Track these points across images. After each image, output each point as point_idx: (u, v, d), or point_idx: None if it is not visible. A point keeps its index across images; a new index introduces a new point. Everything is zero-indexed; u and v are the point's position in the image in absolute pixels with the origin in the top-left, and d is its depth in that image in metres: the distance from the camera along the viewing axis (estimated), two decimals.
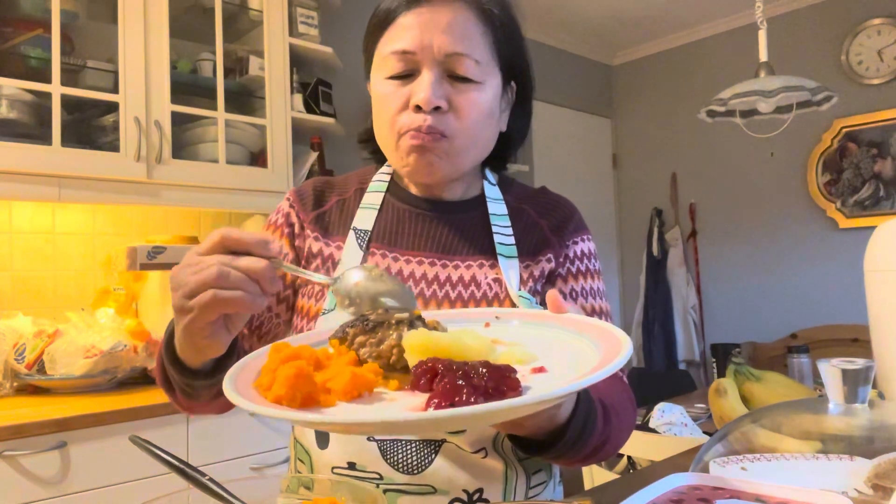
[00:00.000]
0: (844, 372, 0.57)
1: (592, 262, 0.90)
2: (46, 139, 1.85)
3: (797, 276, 3.78)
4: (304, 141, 2.61)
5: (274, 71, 2.35)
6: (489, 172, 0.93)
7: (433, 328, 0.60)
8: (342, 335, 0.59)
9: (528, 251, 0.86)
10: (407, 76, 0.79)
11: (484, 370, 0.48)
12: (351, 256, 0.84)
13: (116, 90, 1.99)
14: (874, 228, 0.92)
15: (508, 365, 0.50)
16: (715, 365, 3.37)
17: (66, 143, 1.88)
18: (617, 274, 4.60)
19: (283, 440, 1.93)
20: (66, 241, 2.18)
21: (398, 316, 0.59)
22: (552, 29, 4.07)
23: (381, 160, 0.94)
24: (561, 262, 0.87)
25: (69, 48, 2.04)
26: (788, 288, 3.81)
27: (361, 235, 0.86)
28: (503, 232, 0.86)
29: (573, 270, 0.87)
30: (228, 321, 0.62)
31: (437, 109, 0.77)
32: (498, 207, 0.89)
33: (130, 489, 1.63)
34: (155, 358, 0.86)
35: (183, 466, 0.53)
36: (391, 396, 0.53)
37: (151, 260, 2.00)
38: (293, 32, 2.46)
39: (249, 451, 1.86)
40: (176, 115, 2.10)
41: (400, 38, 0.79)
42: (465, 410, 0.44)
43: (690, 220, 4.22)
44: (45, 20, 1.90)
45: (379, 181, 0.92)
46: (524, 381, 0.51)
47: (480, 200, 0.90)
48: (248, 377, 0.54)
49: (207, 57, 2.29)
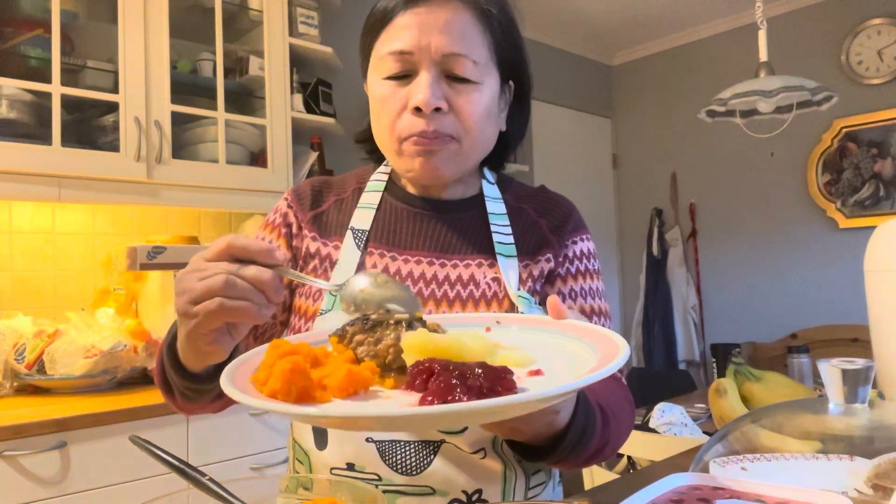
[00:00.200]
0: (844, 372, 0.57)
1: (592, 261, 0.89)
2: (46, 139, 1.85)
3: (797, 276, 3.78)
4: (304, 141, 2.61)
5: (274, 71, 2.35)
6: (488, 172, 0.92)
7: (433, 331, 0.60)
8: (341, 333, 0.59)
9: (527, 251, 0.85)
10: (405, 77, 0.78)
11: (479, 370, 0.48)
12: (349, 256, 0.84)
13: (116, 90, 1.99)
14: (874, 228, 0.92)
15: (505, 367, 0.50)
16: (715, 365, 3.38)
17: (66, 143, 1.88)
18: (617, 274, 4.59)
19: (282, 440, 1.93)
20: (66, 241, 2.18)
21: (398, 316, 0.59)
22: (552, 29, 4.07)
23: (378, 160, 0.94)
24: (560, 261, 0.87)
25: (69, 48, 2.04)
26: (788, 288, 3.81)
27: (359, 235, 0.85)
28: (502, 231, 0.86)
29: (572, 270, 0.87)
30: (232, 328, 0.62)
31: (436, 111, 0.77)
32: (497, 206, 0.88)
33: (130, 489, 1.63)
34: (155, 359, 0.86)
35: (183, 466, 0.53)
36: (387, 395, 0.53)
37: (151, 260, 2.00)
38: (293, 32, 2.46)
39: (249, 451, 1.86)
40: (176, 115, 2.10)
41: (397, 38, 0.78)
42: (455, 407, 0.44)
43: (690, 220, 4.22)
44: (45, 20, 1.90)
45: (377, 180, 0.91)
46: (520, 383, 0.50)
47: (479, 199, 0.89)
48: (245, 373, 0.54)
49: (207, 57, 2.29)
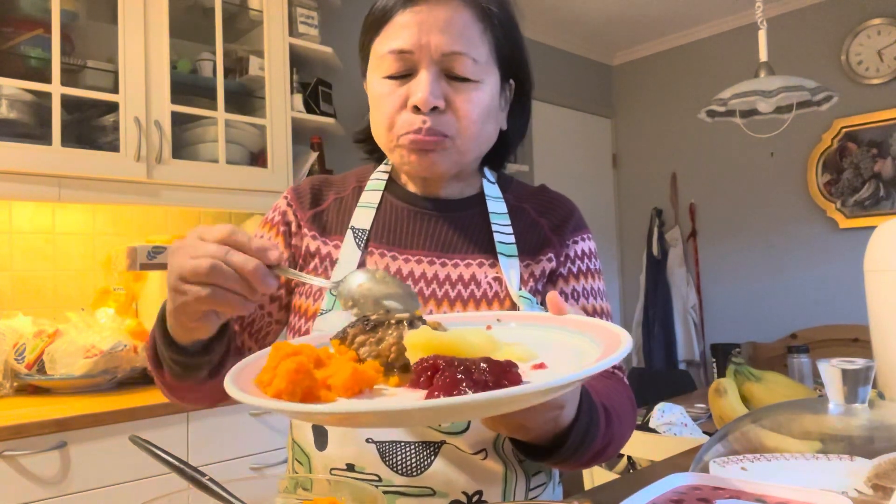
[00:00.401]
0: (844, 372, 0.57)
1: (593, 261, 0.89)
2: (46, 139, 1.85)
3: (797, 276, 3.78)
4: (304, 141, 2.61)
5: (274, 71, 2.34)
6: (488, 171, 0.92)
7: (435, 329, 0.60)
8: (343, 335, 0.59)
9: (528, 250, 0.85)
10: (404, 76, 0.78)
11: (484, 365, 0.48)
12: (349, 255, 0.83)
13: (116, 90, 1.98)
14: (874, 228, 0.92)
15: (510, 360, 0.50)
16: (715, 365, 3.38)
17: (66, 143, 1.88)
18: (617, 274, 4.59)
19: (282, 440, 1.93)
20: (66, 241, 2.18)
21: (399, 315, 0.59)
22: (552, 29, 4.07)
23: (378, 159, 0.93)
24: (562, 261, 0.86)
25: (69, 48, 2.04)
26: (788, 288, 3.81)
27: (359, 234, 0.85)
28: (503, 231, 0.85)
29: (574, 270, 0.87)
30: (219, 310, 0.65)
31: (435, 109, 0.77)
32: (497, 206, 0.88)
33: (130, 489, 1.63)
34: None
35: (183, 466, 0.53)
36: (391, 392, 0.53)
37: (151, 260, 2.00)
38: (293, 32, 2.46)
39: (249, 451, 1.86)
40: (176, 115, 2.10)
41: (397, 36, 0.78)
42: (463, 399, 0.44)
43: (690, 220, 4.22)
44: (45, 20, 1.90)
45: (377, 179, 0.91)
46: (525, 376, 0.50)
47: (479, 199, 0.89)
48: (248, 376, 0.54)
49: (207, 57, 2.29)
